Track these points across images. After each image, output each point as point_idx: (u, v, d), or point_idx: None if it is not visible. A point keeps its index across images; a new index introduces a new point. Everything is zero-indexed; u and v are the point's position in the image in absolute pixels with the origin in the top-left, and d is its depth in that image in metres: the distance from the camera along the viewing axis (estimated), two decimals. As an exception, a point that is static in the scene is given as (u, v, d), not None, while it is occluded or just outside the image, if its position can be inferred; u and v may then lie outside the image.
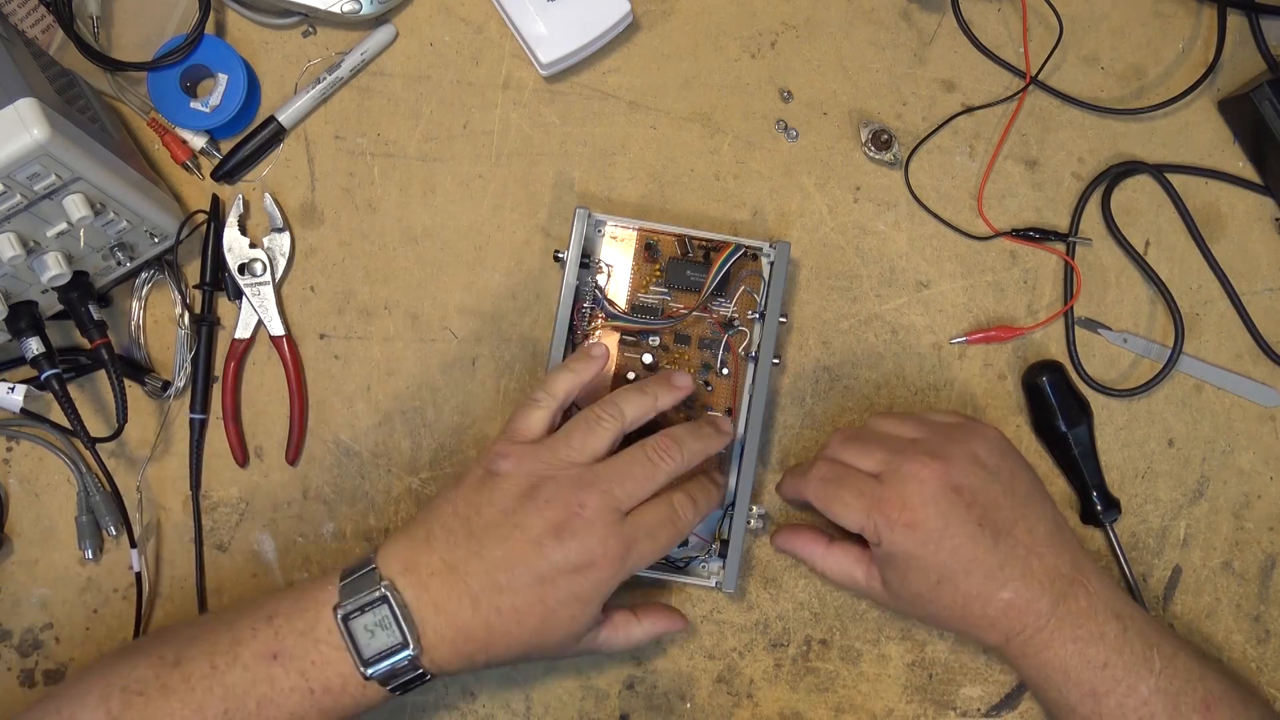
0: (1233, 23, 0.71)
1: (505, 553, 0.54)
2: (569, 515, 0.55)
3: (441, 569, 0.55)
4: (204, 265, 0.67)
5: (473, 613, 0.54)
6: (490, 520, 0.55)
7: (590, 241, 0.65)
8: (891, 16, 0.71)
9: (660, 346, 0.66)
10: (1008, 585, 0.57)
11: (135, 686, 0.53)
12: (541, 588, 0.54)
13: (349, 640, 0.54)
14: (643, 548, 0.56)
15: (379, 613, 0.54)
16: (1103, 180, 0.70)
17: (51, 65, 0.63)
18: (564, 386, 0.59)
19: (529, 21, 0.67)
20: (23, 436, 0.67)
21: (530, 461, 0.56)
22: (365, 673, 0.54)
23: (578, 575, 0.55)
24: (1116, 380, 0.69)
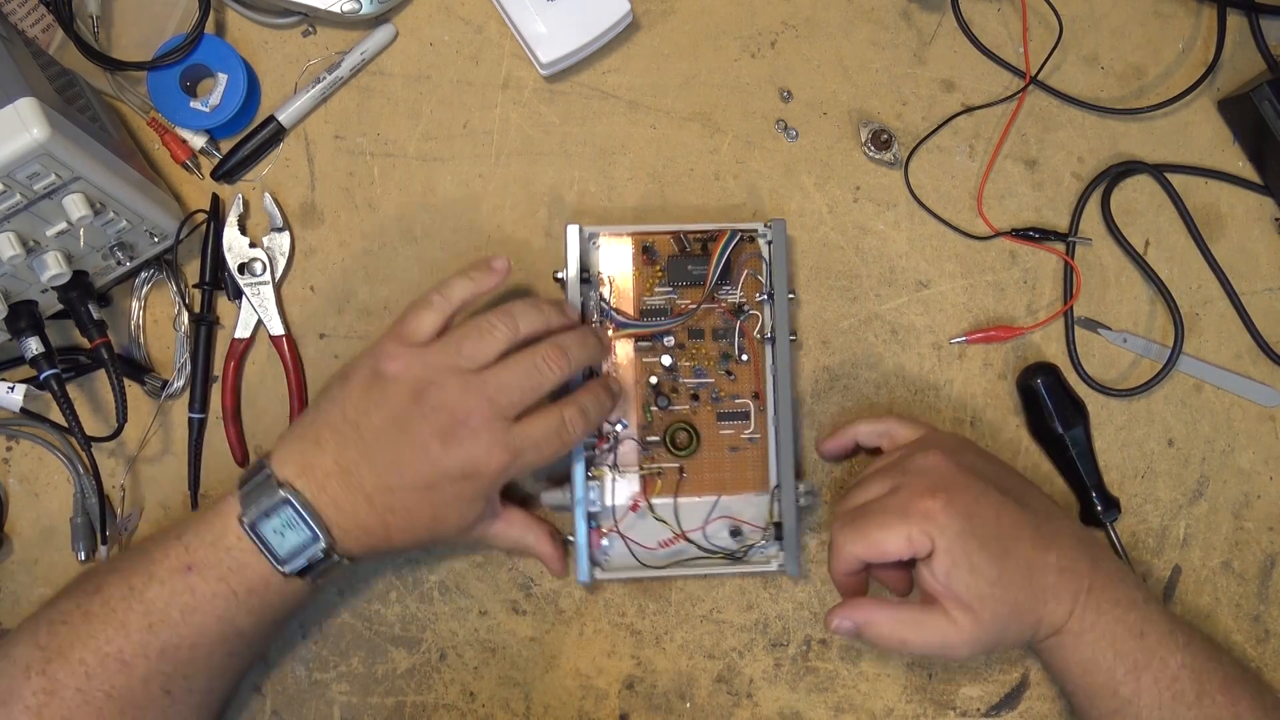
0: (1233, 23, 0.71)
1: (394, 457, 0.56)
2: (455, 423, 0.55)
3: (336, 471, 0.56)
4: (204, 265, 0.67)
5: (369, 510, 0.56)
6: (378, 425, 0.56)
7: (586, 255, 0.65)
8: (891, 16, 0.71)
9: (676, 345, 0.66)
10: (1050, 547, 0.57)
11: (59, 618, 0.55)
12: (429, 491, 0.56)
13: (261, 544, 0.55)
14: (528, 457, 0.57)
15: (284, 514, 0.55)
16: (1103, 180, 0.70)
17: (51, 65, 0.63)
18: (460, 293, 0.59)
19: (529, 21, 0.67)
20: (23, 436, 0.67)
21: (418, 365, 0.57)
22: (284, 570, 0.56)
23: (463, 481, 0.56)
24: (1116, 380, 0.69)
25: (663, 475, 0.65)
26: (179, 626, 0.55)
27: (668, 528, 0.65)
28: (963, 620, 0.55)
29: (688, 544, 0.65)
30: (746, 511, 0.65)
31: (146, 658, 0.55)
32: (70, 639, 0.54)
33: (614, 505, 0.65)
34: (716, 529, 0.65)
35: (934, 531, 0.55)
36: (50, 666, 0.54)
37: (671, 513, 0.65)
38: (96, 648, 0.54)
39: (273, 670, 0.66)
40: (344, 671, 0.66)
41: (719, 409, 0.66)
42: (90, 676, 0.54)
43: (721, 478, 0.66)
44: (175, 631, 0.55)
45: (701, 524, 0.65)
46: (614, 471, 0.65)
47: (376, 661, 0.66)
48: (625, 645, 0.67)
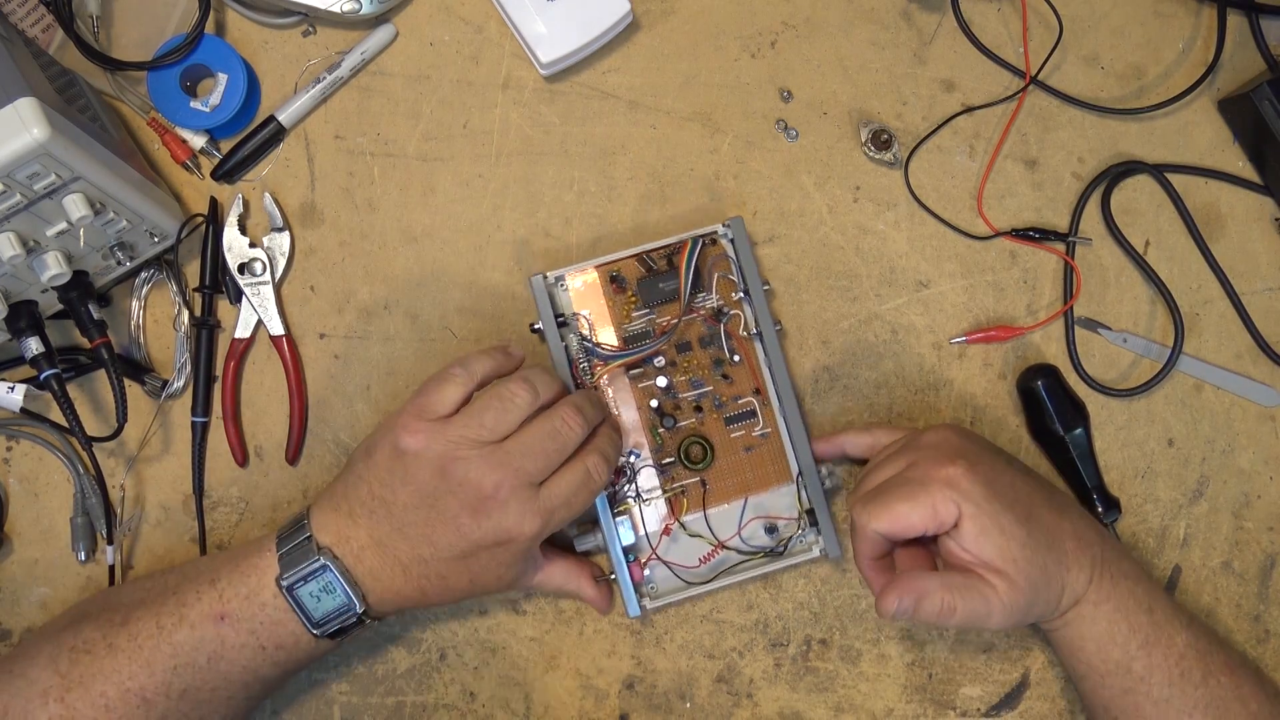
0: (1233, 23, 0.71)
1: (426, 533, 0.56)
2: (483, 497, 0.56)
3: (370, 544, 0.57)
4: (203, 268, 0.67)
5: (405, 580, 0.57)
6: (406, 502, 0.57)
7: (556, 300, 0.65)
8: (891, 16, 0.71)
9: (668, 364, 0.66)
10: (1064, 515, 0.58)
11: (83, 646, 0.55)
12: (465, 560, 0.57)
13: (296, 606, 0.56)
14: (560, 515, 0.57)
15: (323, 580, 0.56)
16: (1103, 180, 0.70)
17: (51, 65, 0.63)
18: (482, 368, 0.59)
19: (529, 21, 0.67)
20: (23, 436, 0.67)
21: (439, 441, 0.56)
22: (317, 633, 0.56)
23: (498, 549, 0.57)
24: (1116, 380, 0.69)
25: (686, 492, 0.65)
26: (204, 672, 0.55)
27: (704, 541, 0.65)
28: (999, 585, 0.55)
29: (728, 552, 0.65)
30: (777, 505, 0.66)
31: (168, 698, 0.55)
32: (93, 670, 0.54)
33: (647, 533, 0.65)
34: (752, 530, 0.66)
35: (958, 497, 0.55)
36: (70, 695, 0.54)
37: (704, 526, 0.65)
38: (119, 682, 0.54)
39: (273, 670, 0.66)
40: (344, 671, 0.66)
41: (724, 414, 0.66)
42: (110, 710, 0.54)
43: (744, 479, 0.66)
44: (199, 676, 0.55)
45: (736, 529, 0.65)
46: (638, 502, 0.65)
47: (376, 661, 0.66)
48: (625, 645, 0.67)
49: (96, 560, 0.67)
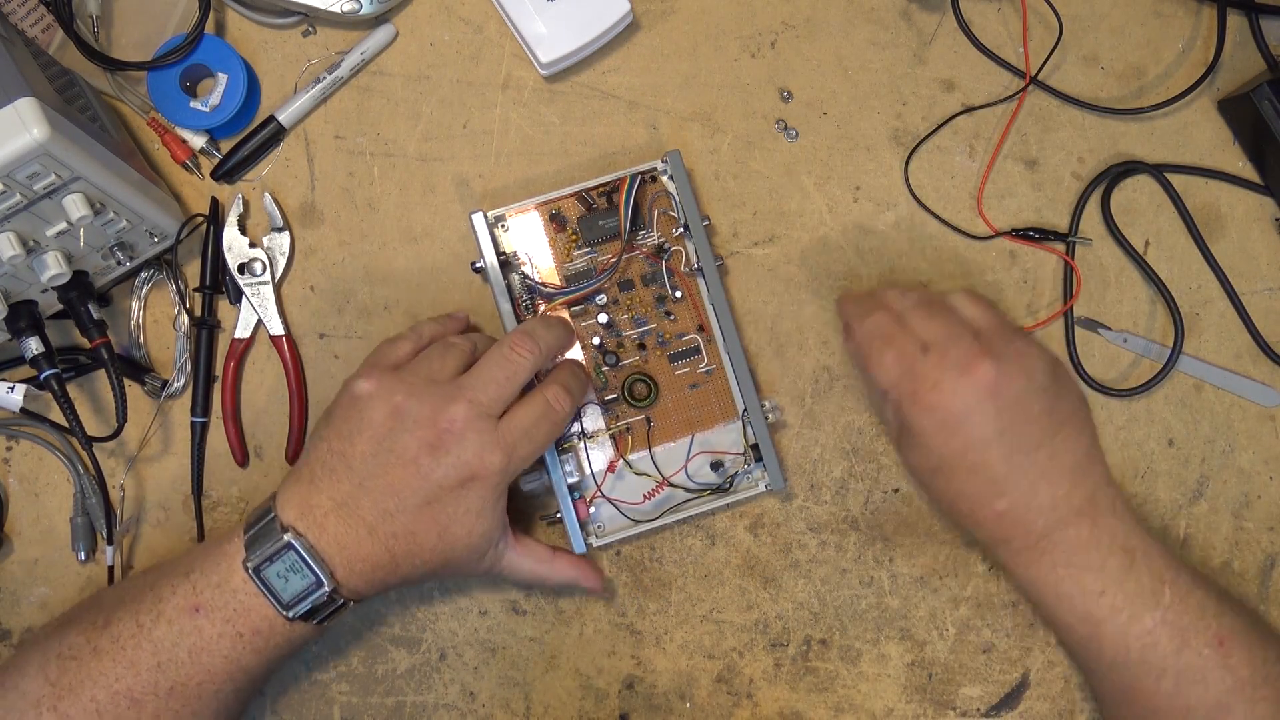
0: (1233, 23, 0.71)
1: (387, 481, 0.56)
2: (439, 432, 0.55)
3: (333, 507, 0.56)
4: (204, 269, 0.67)
5: (372, 542, 0.56)
6: (364, 452, 0.56)
7: (498, 240, 0.66)
8: (891, 16, 0.71)
9: (610, 302, 0.66)
10: (1004, 498, 0.57)
11: (69, 652, 0.55)
12: (430, 507, 0.56)
13: (265, 589, 0.55)
14: (522, 449, 0.57)
15: (288, 559, 0.55)
16: (1103, 180, 0.70)
17: (51, 65, 0.63)
18: (429, 329, 0.61)
19: (529, 21, 0.67)
20: (23, 436, 0.67)
21: (391, 383, 0.57)
22: (288, 615, 0.55)
23: (462, 489, 0.56)
24: (1116, 380, 0.69)
25: (631, 430, 0.66)
26: (186, 666, 0.55)
27: (650, 479, 0.65)
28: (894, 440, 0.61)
29: (673, 490, 0.65)
30: (722, 442, 0.66)
31: (156, 696, 0.55)
32: (81, 676, 0.54)
33: (592, 472, 0.65)
34: (697, 467, 0.66)
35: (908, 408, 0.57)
36: (61, 704, 0.54)
37: (650, 463, 0.66)
38: (107, 685, 0.54)
39: (273, 670, 0.66)
40: (344, 671, 0.66)
41: (668, 351, 0.66)
42: (101, 714, 0.54)
43: (689, 416, 0.66)
44: (183, 671, 0.55)
45: (682, 466, 0.65)
46: (583, 440, 0.65)
47: (376, 661, 0.66)
48: (625, 645, 0.67)
49: (96, 560, 0.67)
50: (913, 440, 0.58)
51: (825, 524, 0.68)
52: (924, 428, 0.57)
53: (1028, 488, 0.57)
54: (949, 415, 0.56)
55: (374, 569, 0.56)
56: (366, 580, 0.57)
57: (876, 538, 0.68)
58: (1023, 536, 0.57)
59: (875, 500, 0.68)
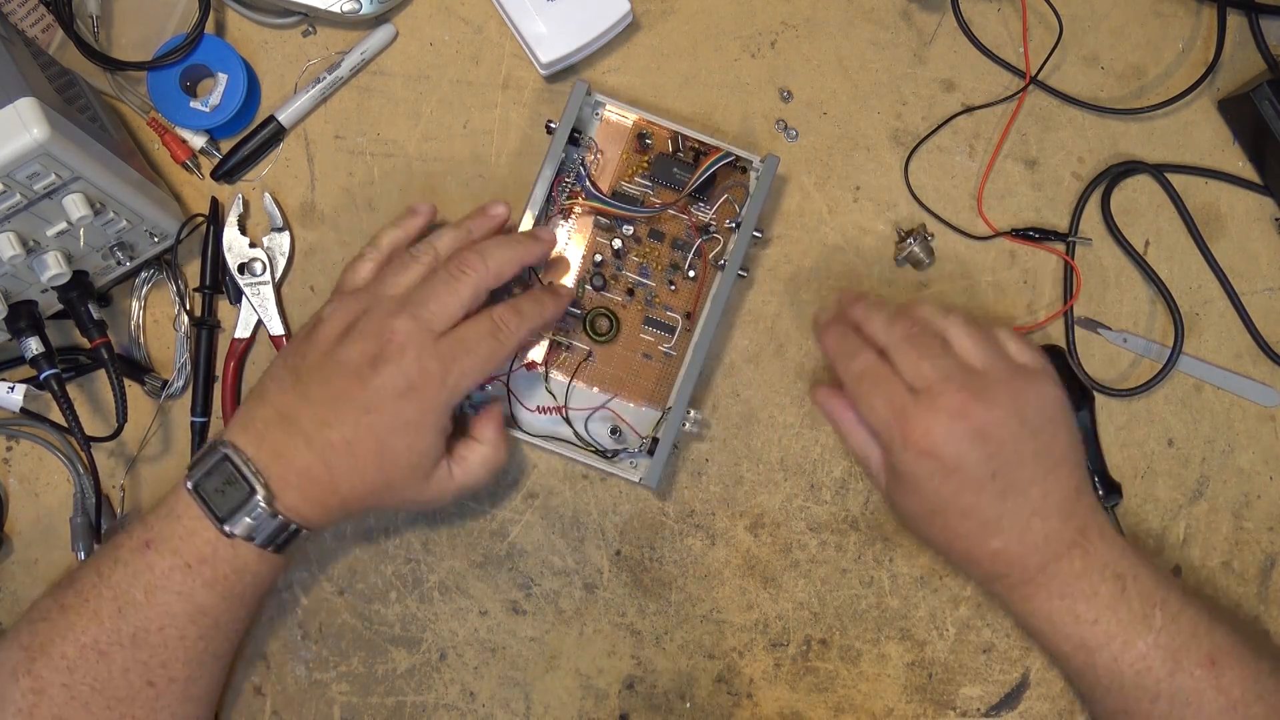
0: (1233, 23, 0.71)
1: (328, 390, 0.55)
2: (381, 343, 0.55)
3: (275, 418, 0.56)
4: (204, 269, 0.67)
5: (309, 452, 0.55)
6: (313, 363, 0.56)
7: (585, 120, 0.66)
8: (891, 16, 0.71)
9: (633, 237, 0.66)
10: (999, 537, 0.57)
11: (39, 615, 0.56)
12: (369, 416, 0.55)
13: (204, 505, 0.55)
14: (463, 363, 0.56)
15: (223, 471, 0.55)
16: (1103, 180, 0.70)
17: (51, 65, 0.63)
18: (388, 239, 0.62)
19: (529, 21, 0.67)
20: (23, 436, 0.67)
21: (349, 301, 0.58)
22: (226, 530, 0.55)
23: (401, 400, 0.55)
24: (1116, 380, 0.69)
25: (570, 351, 0.66)
26: (144, 608, 0.55)
27: (552, 400, 0.65)
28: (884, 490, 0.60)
29: (565, 426, 0.65)
30: (635, 418, 0.66)
31: (121, 645, 0.55)
32: (50, 634, 0.55)
33: (513, 361, 0.65)
34: (598, 423, 0.66)
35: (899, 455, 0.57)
36: (35, 665, 0.54)
37: (562, 390, 0.66)
38: (75, 639, 0.54)
39: (273, 670, 0.66)
40: (344, 671, 0.66)
41: (649, 314, 0.66)
42: (73, 670, 0.54)
43: (624, 379, 0.66)
44: (141, 614, 0.55)
45: (588, 412, 0.66)
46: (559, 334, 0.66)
47: (376, 661, 0.66)
48: (625, 645, 0.67)
49: (96, 560, 0.67)
50: (903, 485, 0.58)
51: (825, 524, 0.68)
52: (915, 473, 0.56)
53: (1022, 525, 0.57)
54: (942, 461, 0.56)
55: (311, 483, 0.55)
56: (304, 496, 0.55)
57: (876, 538, 0.68)
58: (1018, 572, 0.57)
59: (875, 500, 0.68)
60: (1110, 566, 0.57)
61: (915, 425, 0.56)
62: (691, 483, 0.68)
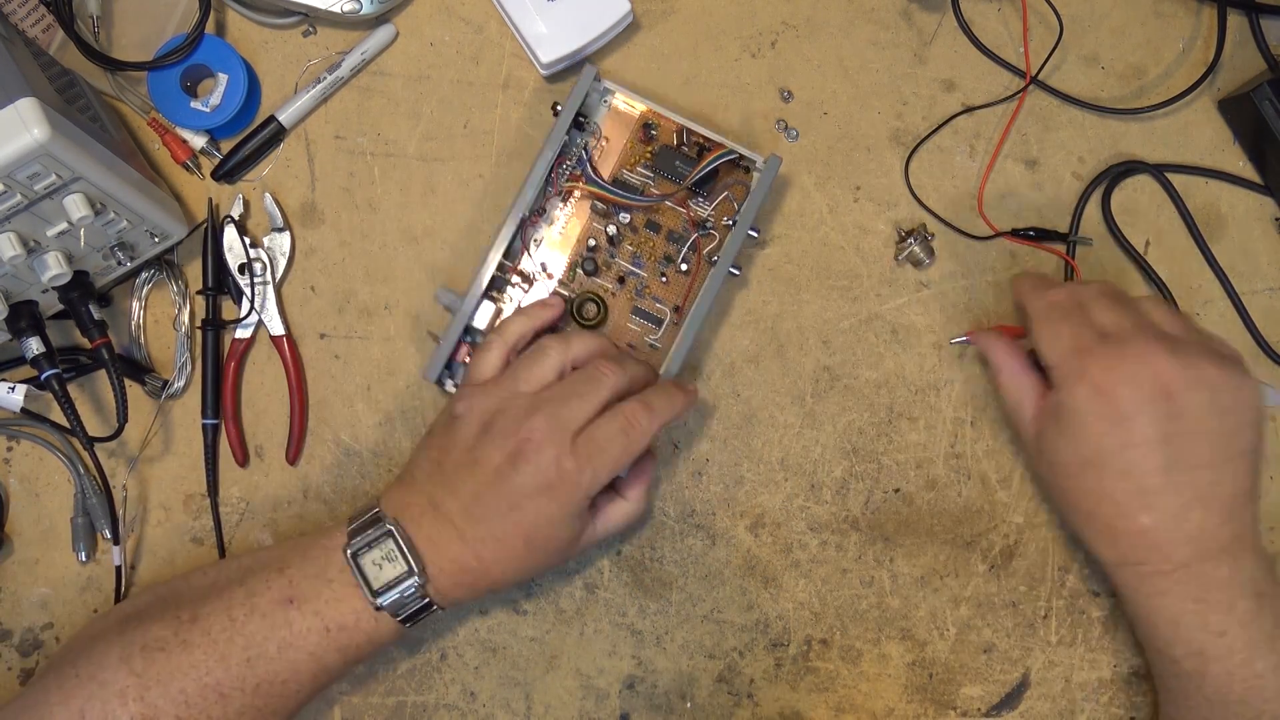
0: (1233, 22, 0.71)
1: (473, 487, 0.57)
2: (520, 443, 0.56)
3: (428, 507, 0.57)
4: (205, 270, 0.67)
5: (461, 545, 0.57)
6: (458, 460, 0.57)
7: (592, 105, 0.66)
8: (891, 16, 0.71)
9: (629, 226, 0.66)
10: (1152, 513, 0.54)
11: (155, 644, 0.55)
12: (513, 514, 0.56)
13: (359, 575, 0.56)
14: (597, 461, 0.56)
15: (385, 547, 0.56)
16: (1103, 180, 0.70)
17: (52, 65, 0.63)
18: (515, 330, 0.62)
19: (529, 21, 0.67)
20: (23, 436, 0.67)
21: (482, 399, 0.58)
22: (376, 603, 0.56)
23: (541, 498, 0.56)
24: (1116, 380, 0.69)
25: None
26: (275, 662, 0.55)
27: None
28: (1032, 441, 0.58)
29: None
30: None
31: (243, 691, 0.55)
32: (169, 668, 0.54)
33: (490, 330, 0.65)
34: None
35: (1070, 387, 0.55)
36: (149, 694, 0.54)
37: None
38: (197, 678, 0.54)
39: (273, 670, 0.66)
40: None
41: (638, 304, 0.66)
42: (190, 706, 0.54)
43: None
44: (271, 667, 0.55)
45: None
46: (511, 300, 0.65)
47: (377, 661, 0.66)
48: (626, 645, 0.67)
49: (97, 560, 0.67)
50: (1064, 428, 0.55)
51: (826, 524, 0.68)
52: (1083, 414, 0.54)
53: (1179, 509, 0.54)
54: (1116, 405, 0.53)
55: (462, 570, 0.57)
56: (454, 581, 0.57)
57: (877, 538, 0.68)
58: (1159, 561, 0.55)
59: (876, 500, 0.68)
60: (1254, 583, 0.55)
61: (1097, 361, 0.54)
62: (692, 483, 0.68)
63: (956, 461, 0.68)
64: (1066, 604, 0.68)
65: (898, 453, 0.68)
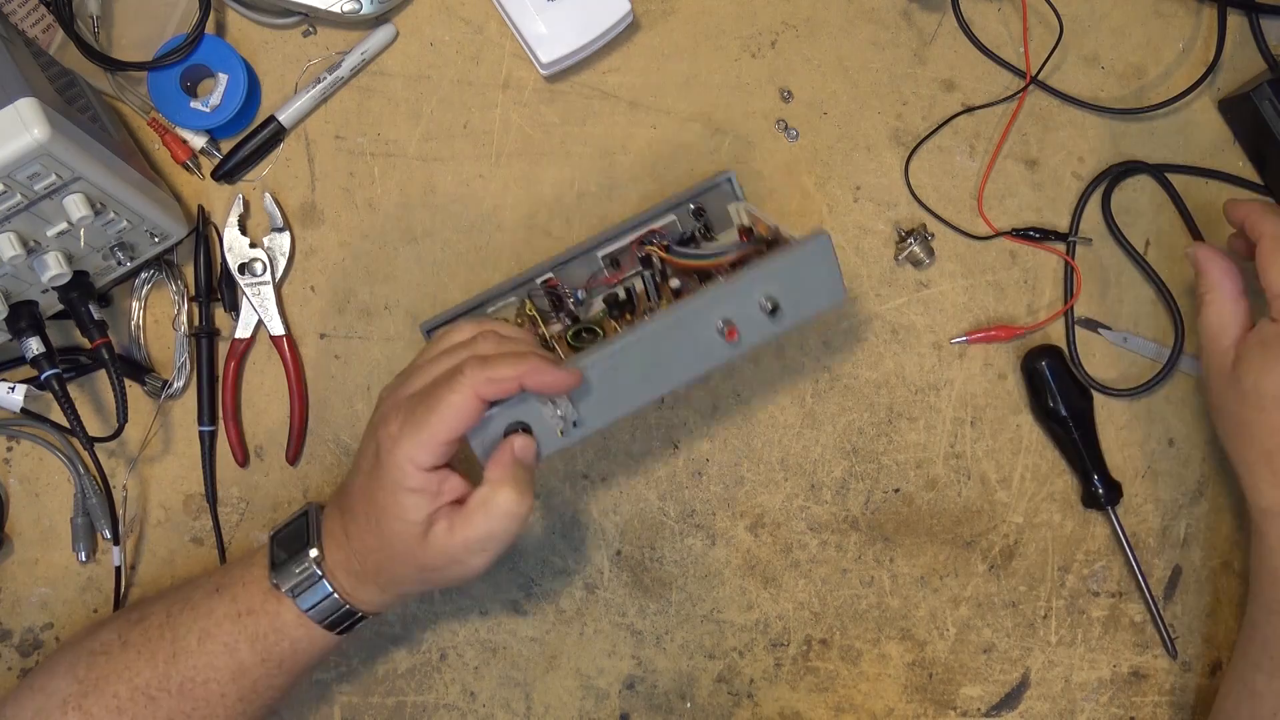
0: (1233, 22, 0.71)
1: (356, 460, 0.56)
2: (376, 415, 0.55)
3: (340, 486, 0.57)
4: (196, 277, 0.67)
5: (340, 522, 0.56)
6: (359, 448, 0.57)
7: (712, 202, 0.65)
8: (891, 16, 0.71)
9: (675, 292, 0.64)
10: None
11: (100, 648, 0.55)
12: (364, 490, 0.53)
13: (271, 554, 0.56)
14: (415, 417, 0.50)
15: (297, 525, 0.56)
16: (1103, 180, 0.70)
17: (52, 65, 0.63)
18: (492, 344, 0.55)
19: (529, 21, 0.67)
20: (23, 436, 0.67)
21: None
22: (273, 579, 0.54)
23: (379, 469, 0.52)
24: (1116, 380, 0.69)
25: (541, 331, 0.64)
26: (194, 655, 0.55)
27: None
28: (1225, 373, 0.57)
29: None
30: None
31: (169, 693, 0.54)
32: (108, 671, 0.54)
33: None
34: None
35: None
36: (86, 701, 0.54)
37: None
38: (129, 679, 0.54)
39: (273, 670, 0.66)
40: (344, 671, 0.66)
41: None
42: (121, 711, 0.54)
43: None
44: (191, 663, 0.55)
45: None
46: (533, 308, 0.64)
47: (376, 661, 0.66)
48: (626, 645, 0.67)
49: (97, 560, 0.67)
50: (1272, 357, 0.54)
51: (825, 524, 0.68)
52: None
53: None
54: None
55: (342, 552, 0.55)
56: (342, 567, 0.55)
57: (877, 538, 0.68)
58: None
59: (875, 500, 0.68)
60: None
61: None
62: (691, 483, 0.68)
63: (956, 461, 0.68)
64: (1066, 604, 0.68)
65: (897, 453, 0.68)
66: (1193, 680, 0.69)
